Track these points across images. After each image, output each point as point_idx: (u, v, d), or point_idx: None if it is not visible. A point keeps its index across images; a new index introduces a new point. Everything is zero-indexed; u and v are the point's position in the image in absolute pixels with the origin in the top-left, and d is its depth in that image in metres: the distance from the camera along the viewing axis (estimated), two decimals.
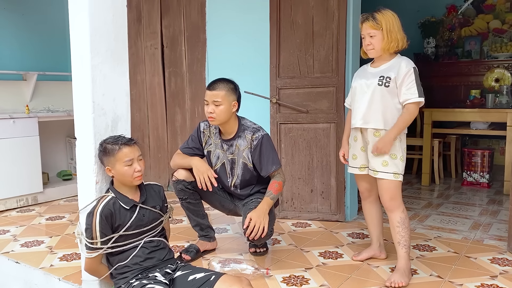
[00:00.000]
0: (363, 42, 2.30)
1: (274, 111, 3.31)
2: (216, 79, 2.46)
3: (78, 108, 2.10)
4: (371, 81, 2.26)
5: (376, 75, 2.26)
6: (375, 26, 2.21)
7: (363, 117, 2.29)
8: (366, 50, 2.30)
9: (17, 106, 4.22)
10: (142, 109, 4.36)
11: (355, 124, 2.34)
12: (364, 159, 2.37)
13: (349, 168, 2.46)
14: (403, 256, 2.25)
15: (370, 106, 2.26)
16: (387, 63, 2.28)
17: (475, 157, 4.48)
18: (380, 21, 2.21)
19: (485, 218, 3.38)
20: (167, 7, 4.11)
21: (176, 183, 2.50)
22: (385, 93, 2.22)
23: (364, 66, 2.43)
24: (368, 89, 2.27)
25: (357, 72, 2.44)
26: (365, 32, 2.25)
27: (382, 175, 2.24)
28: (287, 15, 3.23)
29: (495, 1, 5.65)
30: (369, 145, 2.30)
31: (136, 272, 1.95)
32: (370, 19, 2.23)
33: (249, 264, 2.31)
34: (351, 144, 2.43)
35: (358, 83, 2.34)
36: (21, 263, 2.54)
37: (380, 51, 2.26)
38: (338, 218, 3.25)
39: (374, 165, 2.27)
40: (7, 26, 4.30)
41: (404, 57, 2.29)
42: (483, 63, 5.65)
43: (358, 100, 2.33)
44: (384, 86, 2.22)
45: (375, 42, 2.23)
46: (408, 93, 2.19)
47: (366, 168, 2.37)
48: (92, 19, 2.00)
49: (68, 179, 4.38)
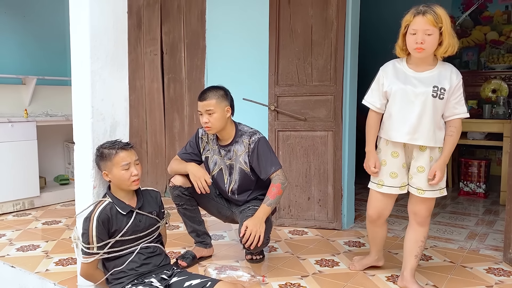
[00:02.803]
0: (409, 38, 1.96)
1: (272, 119, 3.32)
2: (205, 89, 2.47)
3: (77, 112, 2.11)
4: (421, 90, 1.98)
5: (427, 83, 1.99)
6: (435, 23, 1.90)
7: (411, 131, 2.01)
8: (413, 48, 1.96)
9: (15, 110, 4.22)
10: (140, 115, 4.37)
11: (396, 137, 2.05)
12: (404, 176, 2.12)
13: (384, 187, 2.14)
14: (414, 268, 2.20)
15: (420, 120, 1.99)
16: (434, 69, 2.02)
17: (472, 167, 4.49)
18: (441, 18, 1.91)
19: (481, 228, 3.38)
20: (167, 13, 4.14)
21: (173, 189, 2.51)
22: (438, 105, 1.98)
23: (397, 66, 2.09)
24: (417, 99, 1.99)
25: (389, 72, 2.09)
26: (421, 28, 1.91)
27: (430, 194, 2.07)
28: (286, 24, 3.26)
29: (493, 13, 5.70)
30: (413, 161, 2.08)
31: (132, 277, 1.95)
32: (432, 12, 1.89)
33: (245, 271, 2.30)
34: (387, 160, 2.12)
35: (400, 88, 2.02)
36: (16, 267, 2.53)
37: (430, 53, 1.97)
38: (335, 226, 3.26)
39: (420, 184, 2.07)
40: (7, 30, 4.32)
41: (451, 65, 2.06)
42: (480, 74, 5.68)
43: (401, 109, 2.03)
44: (439, 98, 1.96)
45: (430, 41, 1.92)
46: (458, 107, 2.01)
47: (406, 186, 2.14)
48: (93, 25, 2.02)
49: (65, 183, 4.37)
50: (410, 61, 2.08)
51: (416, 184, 2.10)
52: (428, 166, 2.08)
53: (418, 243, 2.18)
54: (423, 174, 2.08)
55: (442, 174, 2.05)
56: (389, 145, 2.12)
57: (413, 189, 2.12)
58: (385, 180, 2.15)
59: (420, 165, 2.08)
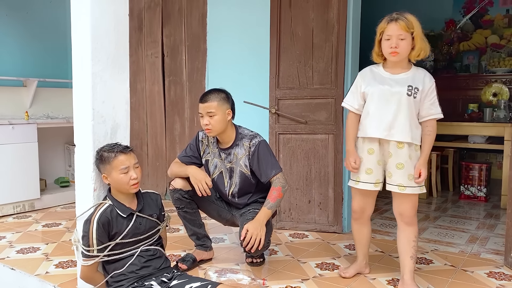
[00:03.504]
0: (384, 44, 2.12)
1: (273, 122, 3.32)
2: (207, 91, 2.48)
3: (77, 115, 2.11)
4: (397, 90, 2.11)
5: (402, 84, 2.12)
6: (407, 28, 2.05)
7: (386, 127, 2.12)
8: (388, 52, 2.10)
9: (16, 112, 4.22)
10: (141, 117, 4.37)
11: (374, 133, 2.16)
12: (379, 173, 2.21)
13: (360, 183, 2.24)
14: (412, 270, 2.21)
15: (396, 117, 2.11)
16: (408, 72, 2.15)
17: (473, 171, 4.49)
18: (412, 24, 2.06)
19: (482, 232, 3.37)
20: (168, 16, 4.15)
21: (173, 192, 2.50)
22: (412, 104, 2.10)
23: (374, 70, 2.24)
24: (393, 97, 2.11)
25: (367, 75, 2.23)
26: (395, 33, 2.06)
27: (411, 190, 2.14)
28: (287, 27, 3.26)
29: (493, 17, 5.71)
30: (391, 158, 2.16)
31: (132, 280, 1.95)
32: (403, 19, 2.05)
33: (246, 274, 2.30)
34: (364, 157, 2.22)
35: (378, 89, 2.15)
36: (16, 270, 2.52)
37: (404, 57, 2.11)
38: (335, 229, 3.25)
39: (400, 180, 2.14)
40: (8, 32, 4.33)
41: (423, 69, 2.18)
42: (481, 77, 5.68)
43: (378, 108, 2.15)
44: (413, 97, 2.09)
45: (404, 45, 2.07)
46: (433, 108, 2.13)
47: (381, 184, 2.22)
48: (94, 27, 2.02)
49: (66, 186, 4.37)
50: (386, 65, 2.22)
51: (396, 181, 2.16)
52: (407, 163, 2.14)
53: (411, 243, 2.21)
54: (402, 170, 2.14)
55: (426, 172, 2.15)
56: (366, 143, 2.22)
57: (393, 186, 2.18)
58: (361, 176, 2.24)
59: (399, 162, 2.15)
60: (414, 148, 2.16)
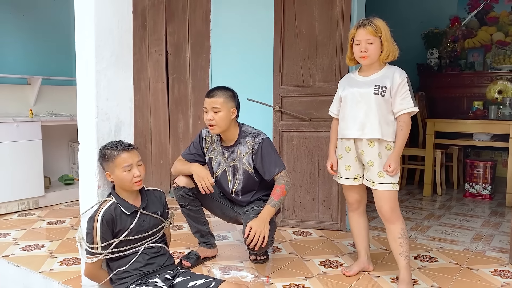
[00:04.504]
0: (355, 49, 2.23)
1: (277, 119, 3.31)
2: (214, 87, 2.49)
3: (81, 112, 2.11)
4: (365, 90, 2.21)
5: (370, 84, 2.21)
6: (374, 33, 2.16)
7: (359, 127, 2.23)
8: (359, 56, 2.22)
9: (21, 110, 4.24)
10: (145, 115, 4.38)
11: (349, 134, 2.28)
12: (358, 169, 2.32)
13: (341, 179, 2.38)
14: (405, 267, 2.23)
15: (366, 116, 2.20)
16: (379, 72, 2.24)
17: (478, 169, 4.47)
18: (380, 29, 2.17)
19: (487, 230, 3.36)
20: (172, 14, 4.14)
21: (177, 190, 2.50)
22: (381, 102, 2.18)
23: (350, 75, 2.38)
24: (362, 98, 2.21)
25: (343, 81, 2.38)
26: (363, 38, 2.17)
27: (381, 187, 2.21)
28: (291, 24, 3.25)
29: (499, 14, 5.68)
30: (363, 156, 2.26)
31: (136, 277, 1.95)
32: (371, 24, 2.17)
33: (249, 271, 2.30)
34: (343, 154, 2.35)
35: (349, 92, 2.27)
36: (21, 267, 2.53)
37: (374, 60, 2.21)
38: (339, 227, 3.24)
39: (372, 177, 2.24)
40: (12, 31, 4.33)
41: (395, 67, 2.25)
42: (486, 74, 5.65)
43: (351, 109, 2.26)
44: (380, 95, 2.17)
45: (372, 49, 2.17)
46: (404, 103, 2.18)
47: (360, 179, 2.33)
48: (98, 25, 2.02)
49: (70, 183, 4.38)
50: (361, 69, 2.33)
51: (369, 177, 2.27)
52: (377, 161, 2.22)
53: (396, 240, 2.24)
54: (372, 167, 2.23)
55: (397, 166, 2.19)
56: (343, 141, 2.34)
57: (367, 181, 2.29)
58: (341, 172, 2.37)
59: (369, 160, 2.24)
60: (385, 146, 2.22)
